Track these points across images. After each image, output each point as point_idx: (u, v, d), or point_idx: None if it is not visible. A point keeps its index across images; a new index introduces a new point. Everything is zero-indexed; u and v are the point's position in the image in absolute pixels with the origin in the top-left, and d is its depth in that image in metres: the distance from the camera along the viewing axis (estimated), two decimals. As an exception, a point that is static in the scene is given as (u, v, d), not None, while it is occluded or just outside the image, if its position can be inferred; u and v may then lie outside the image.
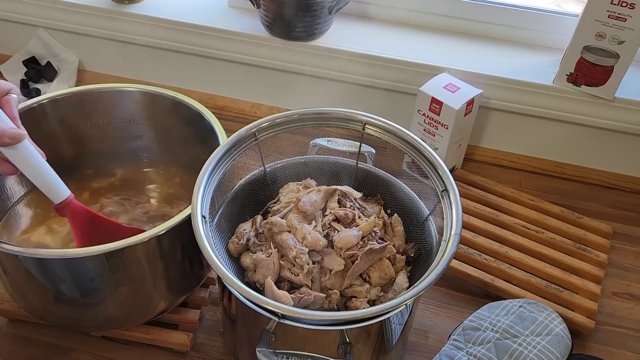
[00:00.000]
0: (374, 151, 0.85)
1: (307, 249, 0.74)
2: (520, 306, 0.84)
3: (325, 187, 0.81)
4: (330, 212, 0.78)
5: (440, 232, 0.74)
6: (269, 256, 0.76)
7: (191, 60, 1.24)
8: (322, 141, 0.85)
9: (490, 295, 0.94)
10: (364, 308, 0.72)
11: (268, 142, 0.83)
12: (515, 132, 1.17)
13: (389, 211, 0.85)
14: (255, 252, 0.78)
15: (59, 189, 0.73)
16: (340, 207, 0.80)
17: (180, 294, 0.83)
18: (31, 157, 0.69)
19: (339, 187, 0.81)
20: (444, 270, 0.66)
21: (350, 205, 0.80)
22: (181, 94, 0.91)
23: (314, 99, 1.22)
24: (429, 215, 0.80)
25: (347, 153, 0.85)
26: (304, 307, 0.72)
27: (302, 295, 0.72)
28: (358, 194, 0.83)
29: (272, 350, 0.65)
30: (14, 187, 0.89)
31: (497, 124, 1.17)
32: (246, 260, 0.78)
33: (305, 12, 1.09)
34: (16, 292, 0.78)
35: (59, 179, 0.73)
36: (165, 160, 0.98)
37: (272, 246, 0.77)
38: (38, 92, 1.24)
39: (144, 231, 0.72)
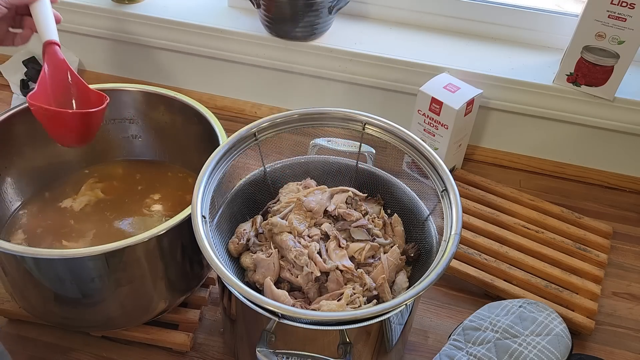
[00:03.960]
0: (374, 151, 0.85)
1: (306, 251, 0.75)
2: (520, 306, 0.84)
3: (332, 188, 0.82)
4: (336, 209, 0.79)
5: (440, 232, 0.74)
6: (269, 256, 0.76)
7: (191, 60, 1.24)
8: (322, 141, 0.85)
9: (490, 295, 0.94)
10: (363, 308, 0.72)
11: (268, 142, 0.83)
12: (515, 132, 1.17)
13: (389, 211, 0.85)
14: (255, 252, 0.78)
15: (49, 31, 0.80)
16: (347, 207, 0.80)
17: (180, 294, 0.83)
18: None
19: (350, 189, 0.82)
20: (444, 270, 0.66)
21: (362, 210, 0.81)
22: (181, 94, 0.92)
23: (314, 99, 1.22)
24: (429, 215, 0.80)
25: (347, 153, 0.85)
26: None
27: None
28: (362, 195, 0.83)
29: (272, 350, 0.65)
30: (13, 196, 0.90)
31: (497, 124, 1.17)
32: (246, 260, 0.78)
33: (305, 12, 1.09)
34: (16, 292, 0.78)
35: (54, 25, 0.81)
36: (165, 160, 0.98)
37: (272, 246, 0.77)
38: (38, 92, 1.24)
39: (105, 100, 0.79)
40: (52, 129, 0.79)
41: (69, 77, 0.82)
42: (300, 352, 0.66)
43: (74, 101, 0.83)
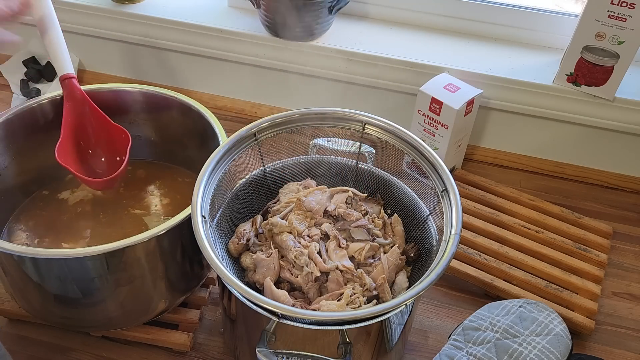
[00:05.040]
0: (374, 151, 0.85)
1: (306, 251, 0.75)
2: (520, 306, 0.84)
3: (332, 188, 0.82)
4: (336, 209, 0.79)
5: (440, 232, 0.74)
6: (269, 256, 0.76)
7: (191, 60, 1.24)
8: (322, 141, 0.86)
9: (490, 295, 0.94)
10: (363, 308, 0.72)
11: (268, 142, 0.83)
12: (515, 132, 1.17)
13: (389, 211, 0.85)
14: (255, 252, 0.78)
15: (65, 63, 0.82)
16: (347, 207, 0.80)
17: (180, 294, 0.83)
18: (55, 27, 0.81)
19: (350, 189, 0.82)
20: (444, 270, 0.66)
21: (362, 210, 0.81)
22: (181, 94, 0.92)
23: (314, 99, 1.22)
24: (429, 215, 0.80)
25: (347, 153, 0.85)
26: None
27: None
28: (362, 195, 0.83)
29: (272, 350, 0.65)
30: (14, 195, 0.90)
31: (497, 124, 1.17)
32: (246, 260, 0.78)
33: (305, 12, 1.09)
34: (16, 292, 0.78)
35: (68, 55, 0.83)
36: (165, 160, 0.98)
37: (272, 246, 0.77)
38: (38, 92, 1.24)
39: (127, 133, 0.82)
40: (80, 180, 0.85)
41: (89, 110, 0.86)
42: (300, 352, 0.66)
43: (97, 138, 0.89)
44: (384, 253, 0.78)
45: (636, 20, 0.97)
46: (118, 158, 0.89)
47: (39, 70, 1.27)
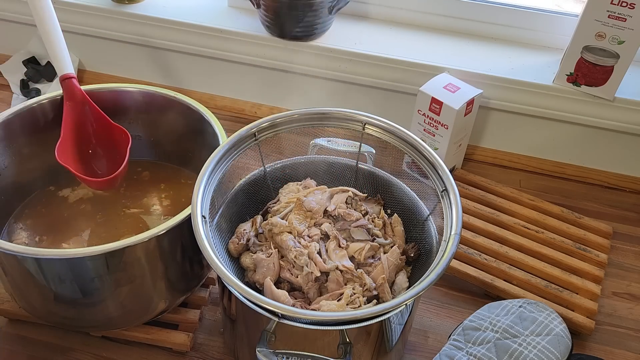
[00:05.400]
0: (374, 151, 0.85)
1: (306, 251, 0.75)
2: (520, 306, 0.84)
3: (332, 188, 0.82)
4: (336, 209, 0.79)
5: (440, 232, 0.74)
6: (269, 256, 0.76)
7: (191, 60, 1.24)
8: (322, 141, 0.86)
9: (490, 295, 0.94)
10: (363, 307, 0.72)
11: (268, 142, 0.83)
12: (515, 132, 1.17)
13: (389, 211, 0.85)
14: (255, 252, 0.78)
15: (65, 63, 0.82)
16: (347, 207, 0.80)
17: (180, 294, 0.83)
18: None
19: (350, 189, 0.82)
20: (444, 270, 0.66)
21: (362, 210, 0.81)
22: (181, 94, 0.92)
23: (314, 99, 1.22)
24: (429, 215, 0.80)
25: (347, 153, 0.85)
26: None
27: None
28: (362, 195, 0.83)
29: (272, 350, 0.65)
30: (14, 195, 0.90)
31: (497, 124, 1.17)
32: (246, 260, 0.78)
33: (305, 12, 1.09)
34: (16, 292, 0.78)
35: (68, 54, 0.82)
36: (165, 160, 0.98)
37: (272, 246, 0.77)
38: (38, 92, 1.24)
39: (127, 133, 0.82)
40: (80, 180, 0.86)
41: (89, 110, 0.86)
42: (300, 352, 0.66)
43: (97, 138, 0.89)
44: (384, 253, 0.78)
45: (636, 20, 0.97)
46: (118, 158, 0.89)
47: (39, 70, 1.27)
